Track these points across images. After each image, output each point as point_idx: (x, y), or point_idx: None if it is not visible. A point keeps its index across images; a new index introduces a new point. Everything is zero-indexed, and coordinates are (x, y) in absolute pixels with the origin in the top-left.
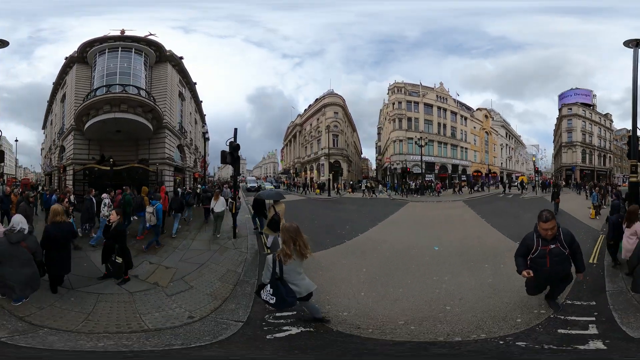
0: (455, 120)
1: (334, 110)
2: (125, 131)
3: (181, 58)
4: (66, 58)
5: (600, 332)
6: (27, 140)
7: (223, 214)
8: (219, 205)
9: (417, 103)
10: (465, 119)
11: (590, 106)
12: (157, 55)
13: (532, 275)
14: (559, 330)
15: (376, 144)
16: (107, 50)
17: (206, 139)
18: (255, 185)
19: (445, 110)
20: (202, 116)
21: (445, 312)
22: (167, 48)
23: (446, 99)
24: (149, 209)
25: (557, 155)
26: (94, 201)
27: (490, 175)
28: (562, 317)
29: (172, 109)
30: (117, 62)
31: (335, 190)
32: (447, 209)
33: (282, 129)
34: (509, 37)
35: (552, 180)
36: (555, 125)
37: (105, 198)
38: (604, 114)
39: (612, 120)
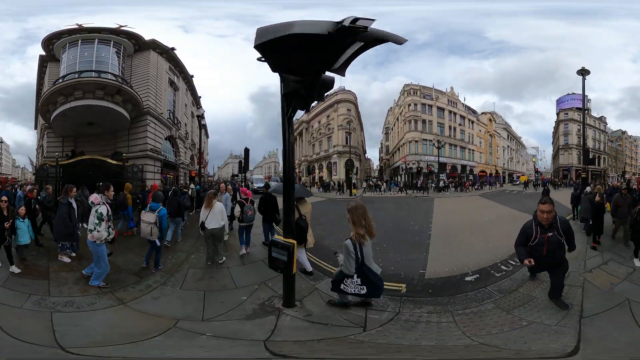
0: (463, 123)
1: (347, 107)
2: (99, 122)
3: (172, 49)
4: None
5: None
6: (26, 141)
7: (222, 233)
8: (213, 217)
9: (430, 106)
10: (472, 122)
11: (585, 110)
12: (134, 44)
13: (533, 263)
14: None
15: (382, 143)
16: (68, 45)
17: (202, 126)
18: (263, 185)
19: (455, 114)
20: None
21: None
22: (163, 42)
23: (456, 103)
24: (149, 217)
25: (555, 156)
26: (74, 207)
27: (494, 175)
28: None
29: (157, 94)
30: (76, 54)
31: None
32: (471, 201)
33: None
34: (507, 41)
35: (551, 178)
36: (554, 128)
37: (99, 203)
38: (598, 117)
39: (606, 123)
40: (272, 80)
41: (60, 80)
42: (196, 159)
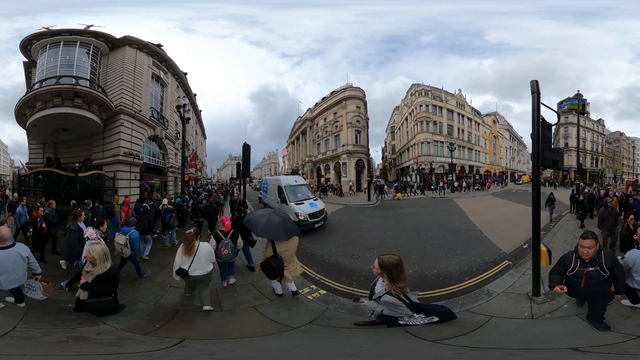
0: (470, 125)
1: (357, 105)
2: (72, 128)
3: (159, 45)
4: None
5: None
6: (24, 141)
7: (208, 279)
8: (198, 264)
9: (440, 108)
10: (478, 124)
11: (584, 114)
12: (105, 42)
13: (565, 291)
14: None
15: (385, 142)
16: (40, 50)
17: (185, 119)
18: (316, 210)
19: (463, 116)
20: (197, 111)
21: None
22: (143, 39)
23: (464, 105)
24: (120, 239)
25: None
26: (84, 230)
27: (497, 174)
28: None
29: (135, 91)
30: (45, 60)
31: (339, 192)
32: (487, 200)
33: (285, 129)
34: (507, 43)
35: (550, 178)
36: (554, 130)
37: (94, 239)
38: (596, 119)
39: (604, 126)
40: (272, 80)
41: (33, 89)
42: (190, 162)
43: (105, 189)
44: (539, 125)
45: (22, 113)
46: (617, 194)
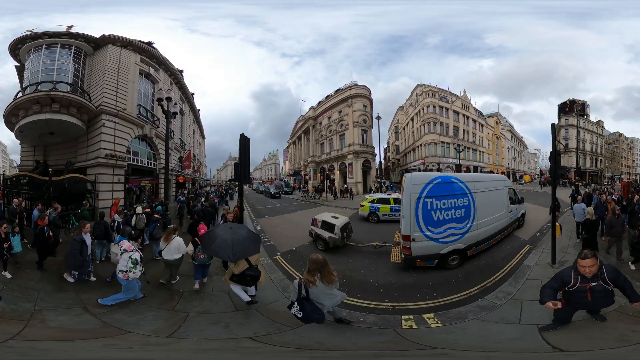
0: (475, 127)
1: (363, 103)
2: (57, 132)
3: (149, 43)
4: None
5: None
6: None
7: (178, 263)
8: (169, 251)
9: (447, 109)
10: (482, 125)
11: (583, 115)
12: (88, 42)
13: (559, 306)
14: None
15: (388, 142)
16: (26, 54)
17: (169, 113)
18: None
19: (468, 117)
20: (195, 110)
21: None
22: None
23: (468, 107)
24: (115, 249)
25: None
26: (88, 242)
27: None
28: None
29: (120, 89)
30: (30, 65)
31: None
32: None
33: (287, 129)
34: (505, 45)
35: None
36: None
37: (132, 250)
38: (596, 121)
39: (603, 127)
40: (274, 79)
41: (20, 95)
42: (184, 161)
43: (88, 191)
44: (555, 154)
45: (9, 120)
46: (614, 197)
